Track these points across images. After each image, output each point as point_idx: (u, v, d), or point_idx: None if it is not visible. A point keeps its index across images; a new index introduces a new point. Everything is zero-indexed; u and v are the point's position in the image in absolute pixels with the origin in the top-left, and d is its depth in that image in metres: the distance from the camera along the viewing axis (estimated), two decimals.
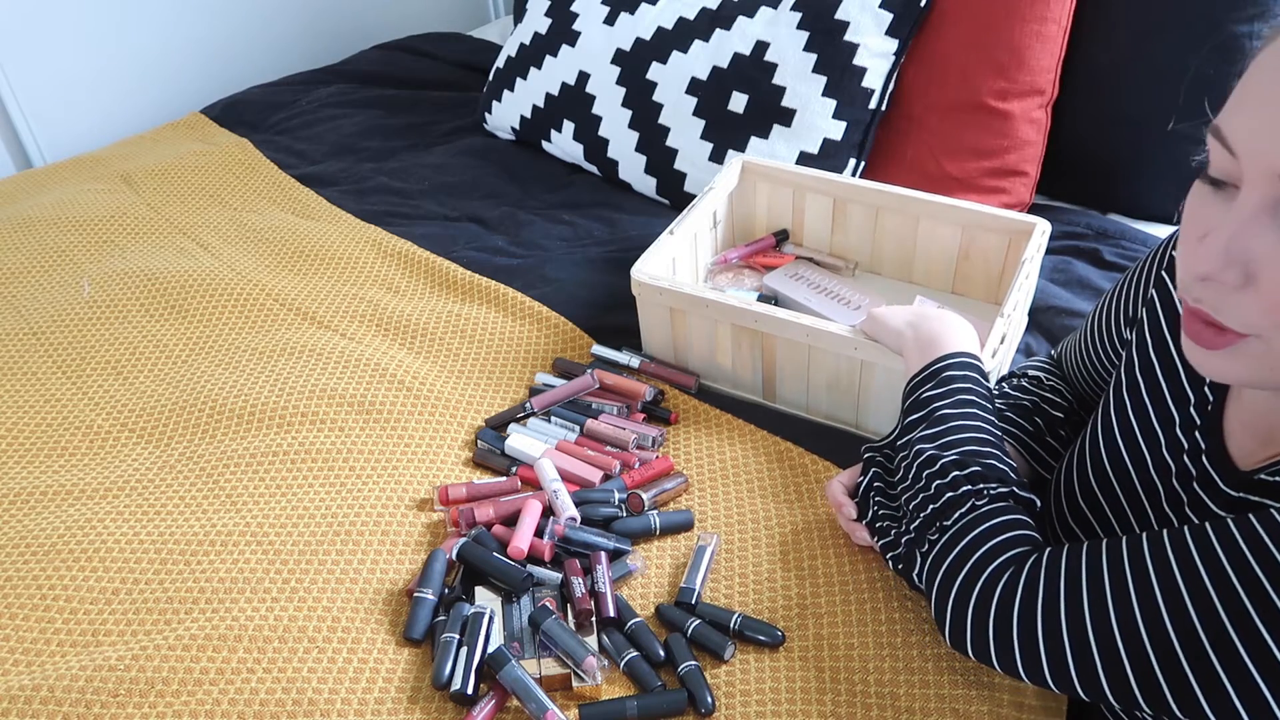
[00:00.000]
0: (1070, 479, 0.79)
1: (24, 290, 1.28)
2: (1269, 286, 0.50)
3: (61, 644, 0.80)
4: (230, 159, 1.59)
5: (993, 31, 1.29)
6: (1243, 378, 0.55)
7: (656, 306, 1.06)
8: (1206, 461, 0.67)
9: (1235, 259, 0.50)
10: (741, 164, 1.24)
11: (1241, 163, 0.50)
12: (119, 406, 1.08)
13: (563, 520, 0.88)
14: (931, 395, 0.81)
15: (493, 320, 1.18)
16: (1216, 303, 0.52)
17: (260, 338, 1.16)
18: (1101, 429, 0.77)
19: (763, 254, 1.24)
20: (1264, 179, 0.49)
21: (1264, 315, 0.51)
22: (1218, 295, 0.52)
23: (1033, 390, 0.92)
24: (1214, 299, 0.52)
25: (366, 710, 0.75)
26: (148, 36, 1.82)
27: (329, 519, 0.91)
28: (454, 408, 1.05)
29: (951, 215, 1.13)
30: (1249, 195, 0.50)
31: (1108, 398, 0.78)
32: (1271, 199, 0.49)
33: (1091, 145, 1.33)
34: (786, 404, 1.06)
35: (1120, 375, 0.77)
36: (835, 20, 1.33)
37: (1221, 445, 0.66)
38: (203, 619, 0.81)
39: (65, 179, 1.56)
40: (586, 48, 1.49)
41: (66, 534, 0.90)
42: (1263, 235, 0.49)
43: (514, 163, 1.56)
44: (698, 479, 0.96)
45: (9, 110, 1.68)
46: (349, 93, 1.80)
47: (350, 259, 1.30)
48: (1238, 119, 0.50)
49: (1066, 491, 0.79)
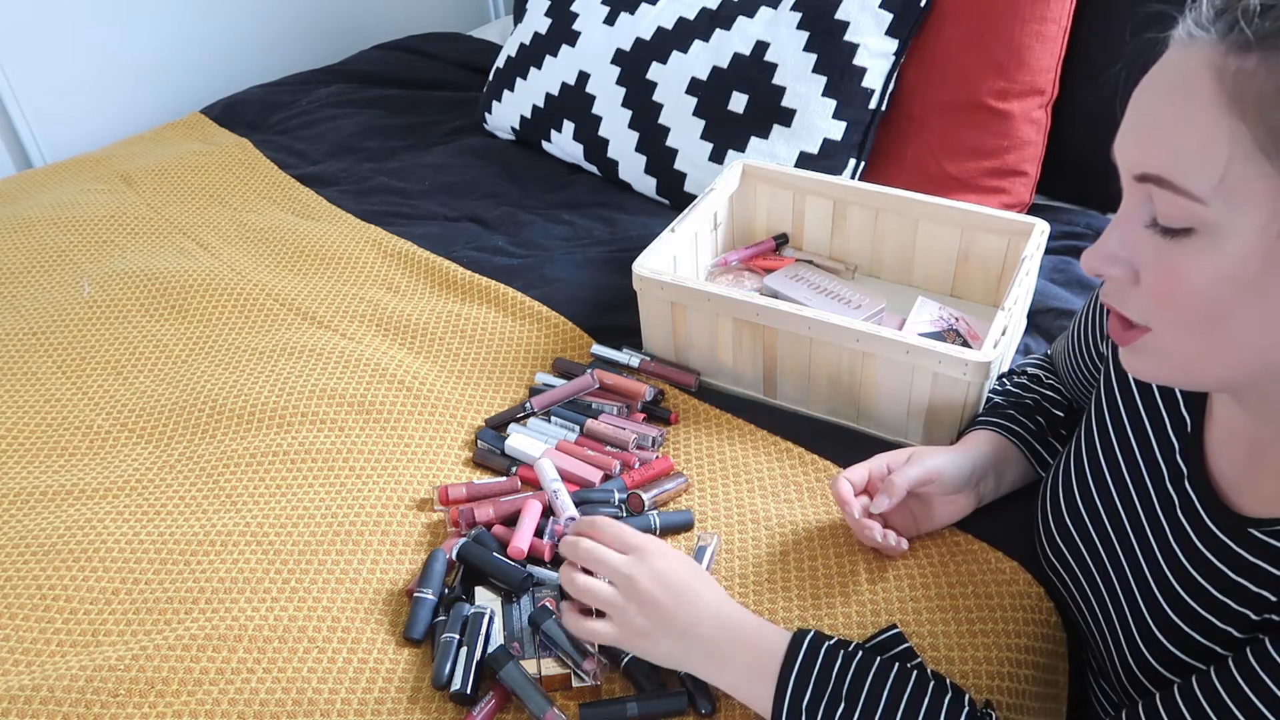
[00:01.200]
0: (1056, 499, 0.79)
1: (24, 290, 1.28)
2: (1150, 281, 0.55)
3: (61, 644, 0.80)
4: (230, 159, 1.59)
5: (993, 31, 1.29)
6: (1158, 374, 0.59)
7: (657, 302, 1.06)
8: (1189, 487, 0.67)
9: (1117, 256, 0.56)
10: (742, 167, 1.24)
11: (1121, 172, 0.56)
12: (119, 406, 1.08)
13: (563, 520, 0.88)
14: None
15: (493, 320, 1.18)
16: (1119, 299, 0.58)
17: (260, 338, 1.16)
18: (1085, 450, 0.77)
19: (762, 257, 1.24)
20: (1130, 184, 0.55)
21: (1151, 308, 0.56)
22: (1118, 291, 0.58)
23: (1033, 388, 0.92)
24: (1116, 295, 0.58)
25: (366, 710, 0.75)
26: (148, 36, 1.82)
27: (329, 519, 0.91)
28: (454, 408, 1.05)
29: (951, 217, 1.13)
30: (1127, 198, 0.56)
31: (1088, 416, 0.78)
32: (1138, 200, 0.55)
33: (1091, 145, 1.33)
34: (787, 400, 1.06)
35: (1099, 393, 0.77)
36: (835, 20, 1.33)
37: (1203, 470, 0.66)
38: (203, 619, 0.81)
39: (65, 179, 1.56)
40: (586, 48, 1.49)
41: (66, 534, 0.90)
42: (1135, 234, 0.55)
43: (514, 163, 1.56)
44: (698, 479, 0.96)
45: (9, 110, 1.68)
46: (349, 93, 1.80)
47: (350, 259, 1.30)
48: (1120, 131, 0.56)
49: (1054, 510, 0.79)
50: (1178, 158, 0.51)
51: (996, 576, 0.84)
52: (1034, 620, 0.82)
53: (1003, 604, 0.82)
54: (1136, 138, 0.54)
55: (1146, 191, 0.53)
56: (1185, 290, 0.53)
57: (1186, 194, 0.51)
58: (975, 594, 0.82)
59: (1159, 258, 0.54)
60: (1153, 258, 0.54)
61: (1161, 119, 0.52)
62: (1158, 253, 0.54)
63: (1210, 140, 0.50)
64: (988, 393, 0.96)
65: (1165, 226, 0.53)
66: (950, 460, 0.83)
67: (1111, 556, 0.73)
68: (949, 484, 0.83)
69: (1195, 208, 0.51)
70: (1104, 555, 0.74)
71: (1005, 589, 0.83)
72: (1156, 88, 0.53)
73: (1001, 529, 0.87)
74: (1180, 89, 0.51)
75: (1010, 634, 0.80)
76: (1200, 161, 0.50)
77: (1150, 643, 0.68)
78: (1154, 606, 0.68)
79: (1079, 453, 0.77)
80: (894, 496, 0.80)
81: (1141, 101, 0.54)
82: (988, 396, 0.96)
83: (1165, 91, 0.52)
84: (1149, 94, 0.54)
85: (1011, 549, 0.86)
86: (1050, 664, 0.82)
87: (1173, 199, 0.52)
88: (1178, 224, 0.52)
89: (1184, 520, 0.67)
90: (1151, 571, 0.69)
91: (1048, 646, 0.82)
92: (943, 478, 0.83)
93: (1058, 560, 0.79)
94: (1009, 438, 0.87)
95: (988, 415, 0.91)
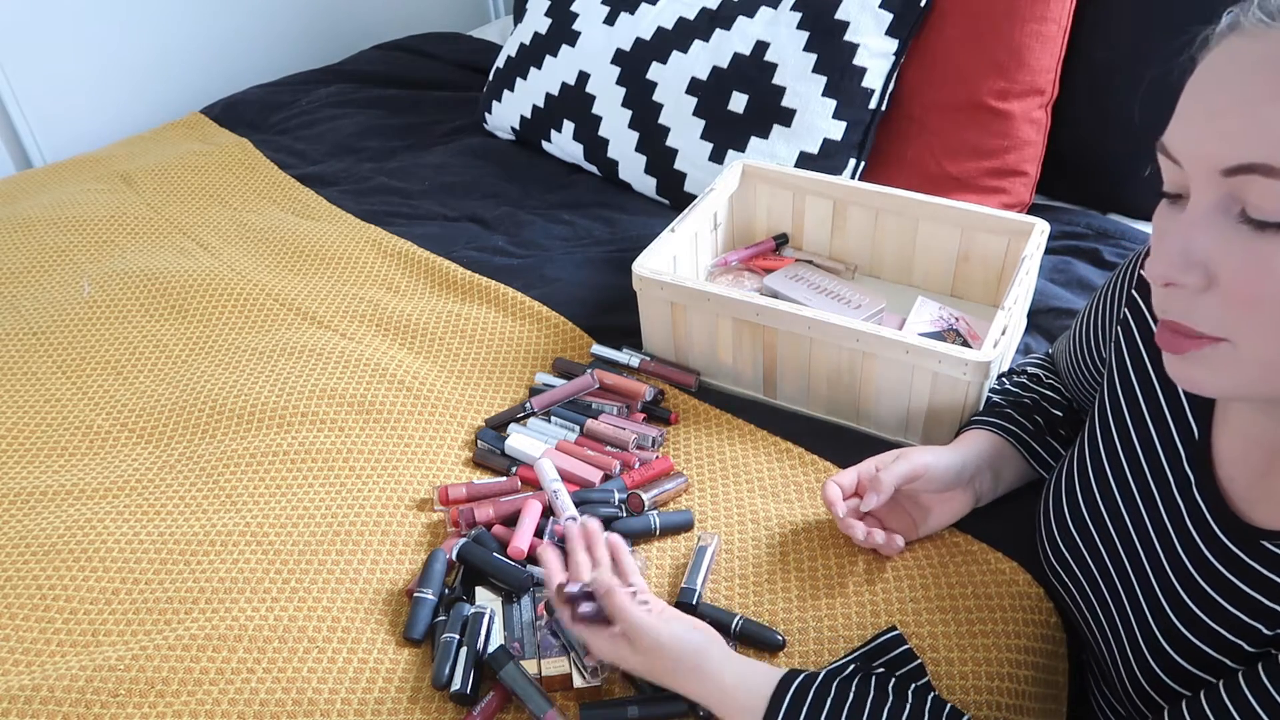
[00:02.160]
0: (1059, 505, 0.78)
1: (24, 290, 1.28)
2: (1229, 282, 0.51)
3: (61, 644, 0.80)
4: (230, 159, 1.59)
5: (993, 31, 1.29)
6: (1220, 386, 0.56)
7: (657, 301, 1.06)
8: (1198, 494, 0.66)
9: (1193, 261, 0.52)
10: (742, 167, 1.24)
11: (1187, 170, 0.52)
12: (119, 406, 1.08)
13: (563, 520, 0.88)
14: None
15: (493, 320, 1.18)
16: (1185, 309, 0.54)
17: (260, 338, 1.16)
18: (1090, 455, 0.76)
19: (762, 257, 1.24)
20: (1208, 180, 0.51)
21: (1230, 312, 0.52)
22: (1185, 302, 0.54)
23: (1032, 388, 0.92)
24: (1182, 306, 0.54)
25: (366, 710, 0.75)
26: (148, 36, 1.82)
27: (329, 519, 0.91)
28: (454, 408, 1.05)
29: (951, 217, 1.13)
30: (1198, 199, 0.52)
31: (1092, 420, 0.77)
32: (1219, 198, 0.51)
33: (1091, 145, 1.33)
34: (787, 400, 1.06)
35: (1103, 397, 0.76)
36: (835, 20, 1.33)
37: (1211, 477, 0.65)
38: (203, 619, 0.82)
39: (65, 179, 1.56)
40: (586, 48, 1.49)
41: (66, 534, 0.90)
42: (1215, 234, 0.51)
43: (514, 163, 1.56)
44: (698, 479, 0.96)
45: (9, 110, 1.68)
46: (349, 93, 1.80)
47: (350, 259, 1.30)
48: (1179, 130, 0.53)
49: (1056, 516, 0.78)
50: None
51: (996, 577, 0.84)
52: (1034, 620, 0.82)
53: (1002, 604, 0.82)
54: (1224, 129, 0.50)
55: (1235, 185, 0.50)
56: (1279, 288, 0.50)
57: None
58: (975, 594, 0.82)
59: (1249, 255, 0.50)
60: (1240, 256, 0.51)
61: (1255, 106, 0.49)
62: (1247, 250, 0.50)
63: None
64: (987, 392, 0.96)
65: (1261, 220, 0.50)
66: (938, 457, 0.83)
67: (1116, 564, 0.72)
68: (938, 480, 0.83)
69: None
70: (1109, 563, 0.73)
71: (1005, 589, 0.83)
72: (1236, 76, 0.50)
73: (1001, 529, 0.87)
74: (1273, 73, 0.48)
75: (1010, 634, 0.80)
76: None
77: (1156, 653, 0.67)
78: (1161, 617, 0.67)
79: (1082, 458, 0.77)
80: (881, 493, 0.80)
81: (1216, 92, 0.51)
82: (987, 396, 0.96)
83: (1254, 78, 0.49)
84: (1227, 83, 0.50)
85: (1011, 549, 0.86)
86: (1050, 664, 0.82)
87: (1276, 188, 0.48)
88: (1277, 217, 0.49)
89: (1192, 529, 0.66)
90: (1159, 581, 0.68)
91: (1048, 647, 0.82)
92: (930, 473, 0.82)
93: (1060, 567, 0.78)
94: (1005, 436, 0.87)
95: (984, 414, 0.91)
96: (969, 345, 1.03)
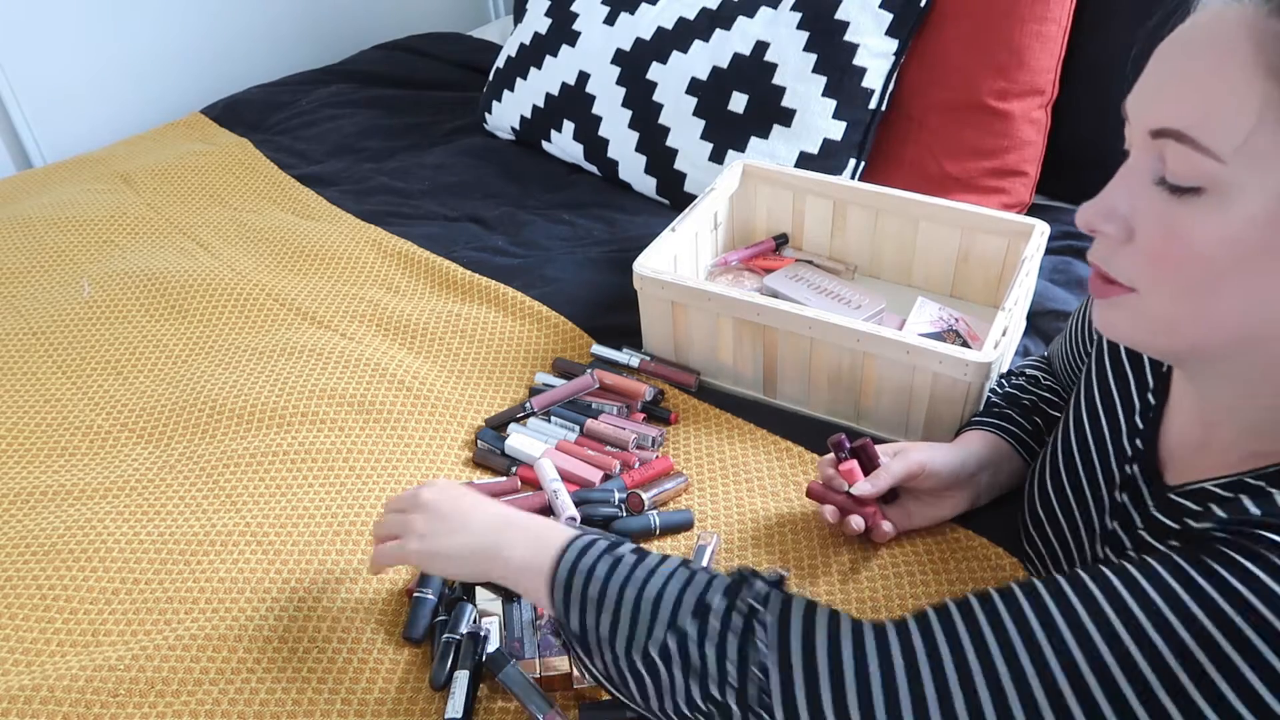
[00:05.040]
0: (1040, 484, 0.80)
1: (24, 290, 1.28)
2: (1142, 239, 0.54)
3: (61, 644, 0.80)
4: (230, 159, 1.59)
5: (993, 31, 1.29)
6: (1131, 335, 0.59)
7: (658, 301, 1.06)
8: (1137, 469, 0.68)
9: (1116, 214, 0.55)
10: (742, 167, 1.24)
11: (1130, 127, 0.56)
12: (119, 406, 1.08)
13: (562, 520, 0.88)
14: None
15: (493, 320, 1.18)
16: (1106, 257, 0.57)
17: (260, 338, 1.16)
18: (1062, 437, 0.78)
19: (762, 257, 1.24)
20: (1142, 141, 0.54)
21: (1139, 266, 0.55)
22: (1107, 250, 0.57)
23: (1031, 390, 0.92)
24: (1104, 254, 0.57)
25: (366, 710, 0.75)
26: (148, 36, 1.82)
27: (329, 519, 0.91)
28: (454, 408, 1.05)
29: (951, 217, 1.13)
30: (1134, 157, 0.55)
31: (1070, 405, 0.79)
32: (1148, 159, 0.54)
33: (1091, 145, 1.33)
34: (787, 400, 1.06)
35: (1080, 384, 0.78)
36: (835, 20, 1.33)
37: (1154, 453, 0.67)
38: (203, 619, 0.82)
39: (65, 179, 1.56)
40: (586, 48, 1.49)
41: (66, 534, 0.90)
42: (1139, 191, 0.54)
43: (514, 163, 1.56)
44: (698, 479, 0.96)
45: (9, 110, 1.68)
46: (349, 93, 1.80)
47: (350, 259, 1.30)
48: (1134, 90, 0.56)
49: (1030, 497, 0.81)
50: (1205, 114, 0.51)
51: (996, 574, 0.84)
52: None
53: None
54: (1161, 92, 0.53)
55: (1159, 148, 0.53)
56: (1183, 251, 0.53)
57: (1207, 151, 0.50)
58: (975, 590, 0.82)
59: (1161, 216, 0.53)
60: (1154, 216, 0.54)
61: (1192, 76, 0.52)
62: (1160, 211, 0.53)
63: (1242, 100, 0.49)
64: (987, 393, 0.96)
65: (1174, 184, 0.52)
66: (936, 454, 0.84)
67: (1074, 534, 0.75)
68: (937, 477, 0.84)
69: (1212, 166, 0.50)
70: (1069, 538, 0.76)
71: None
72: (1187, 46, 0.53)
73: (1003, 525, 0.87)
74: (1215, 48, 0.51)
75: None
76: (1228, 120, 0.50)
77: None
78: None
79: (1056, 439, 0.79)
80: (877, 485, 0.82)
81: (1169, 58, 0.53)
82: (986, 397, 0.96)
83: (1198, 50, 0.52)
84: (1178, 51, 0.53)
85: (1011, 545, 0.86)
86: None
87: (1189, 155, 0.51)
88: (1188, 182, 0.52)
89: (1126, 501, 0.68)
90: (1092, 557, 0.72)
91: None
92: (930, 470, 0.84)
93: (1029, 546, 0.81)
94: (1004, 437, 0.88)
95: (984, 415, 0.91)
96: (969, 346, 1.03)
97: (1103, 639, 0.50)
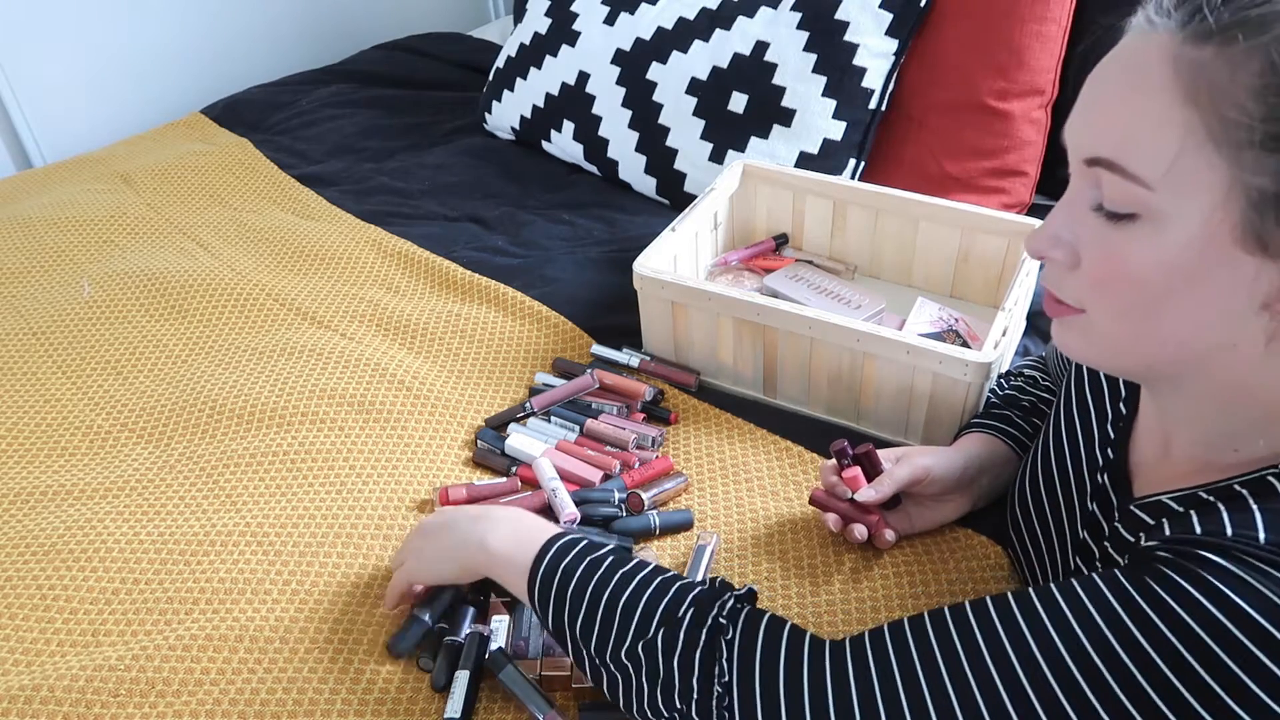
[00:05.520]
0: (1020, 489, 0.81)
1: (24, 290, 1.28)
2: (1088, 265, 0.56)
3: (61, 644, 0.80)
4: (230, 159, 1.59)
5: (993, 31, 1.29)
6: (1084, 354, 0.60)
7: (658, 301, 1.06)
8: (1107, 479, 0.69)
9: (1061, 240, 0.57)
10: (742, 167, 1.24)
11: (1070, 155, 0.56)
12: (119, 406, 1.08)
13: (562, 520, 0.88)
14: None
15: (493, 320, 1.18)
16: (1057, 281, 0.59)
17: (260, 338, 1.16)
18: (1043, 443, 0.79)
19: (762, 257, 1.24)
20: (1079, 167, 0.55)
21: (1086, 292, 0.57)
22: (1057, 274, 0.58)
23: (1030, 391, 0.92)
24: (1054, 278, 0.59)
25: (366, 710, 0.75)
26: (148, 36, 1.82)
27: (329, 519, 0.91)
28: (454, 408, 1.05)
29: (951, 217, 1.13)
30: (1073, 183, 0.56)
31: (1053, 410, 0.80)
32: (1085, 185, 0.55)
33: None
34: (787, 400, 1.06)
35: (1062, 391, 0.79)
36: (835, 20, 1.33)
37: (1124, 463, 0.68)
38: (203, 619, 0.82)
39: (65, 179, 1.56)
40: (586, 48, 1.49)
41: (66, 534, 0.90)
42: (1079, 218, 0.56)
43: (514, 163, 1.56)
44: (698, 479, 0.96)
45: (9, 110, 1.68)
46: (349, 93, 1.80)
47: (350, 259, 1.30)
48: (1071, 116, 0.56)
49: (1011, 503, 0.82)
50: (1129, 143, 0.51)
51: (996, 574, 0.84)
52: None
53: None
54: (1088, 121, 0.54)
55: (1094, 176, 0.54)
56: (1123, 275, 0.54)
57: (1135, 179, 0.51)
58: (975, 590, 0.82)
59: (1101, 242, 0.54)
60: (1095, 242, 0.55)
61: (1115, 104, 0.52)
62: (1100, 237, 0.54)
63: (1162, 127, 0.50)
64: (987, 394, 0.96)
65: (1110, 211, 0.53)
66: (939, 459, 0.84)
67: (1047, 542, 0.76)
68: (939, 482, 0.84)
69: (1142, 193, 0.51)
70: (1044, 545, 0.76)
71: (1005, 586, 0.83)
72: (1111, 73, 0.53)
73: (1002, 525, 0.87)
74: (1136, 75, 0.51)
75: None
76: (1151, 148, 0.50)
77: None
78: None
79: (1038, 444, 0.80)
80: (880, 492, 0.82)
81: (1095, 86, 0.54)
82: (985, 398, 0.96)
83: (1120, 77, 0.53)
84: (1103, 79, 0.54)
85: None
86: None
87: (1120, 183, 0.52)
88: (1123, 209, 0.52)
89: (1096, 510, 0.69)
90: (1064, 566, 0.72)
91: None
92: (933, 476, 0.84)
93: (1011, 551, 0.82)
94: (1003, 439, 0.88)
95: (983, 417, 0.91)
96: (969, 346, 1.03)
97: (1045, 660, 0.52)
